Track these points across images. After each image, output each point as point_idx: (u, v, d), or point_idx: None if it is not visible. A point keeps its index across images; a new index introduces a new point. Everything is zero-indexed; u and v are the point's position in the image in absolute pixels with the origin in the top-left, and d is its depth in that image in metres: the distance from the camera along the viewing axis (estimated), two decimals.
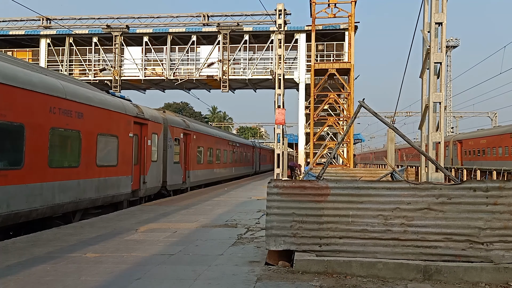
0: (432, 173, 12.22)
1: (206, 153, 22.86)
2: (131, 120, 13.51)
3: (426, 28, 12.73)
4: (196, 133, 20.60)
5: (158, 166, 15.78)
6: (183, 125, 18.78)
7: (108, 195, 12.04)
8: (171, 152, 17.00)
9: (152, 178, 15.17)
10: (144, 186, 14.50)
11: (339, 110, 28.02)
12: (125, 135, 13.03)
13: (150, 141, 14.91)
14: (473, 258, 5.33)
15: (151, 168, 15.01)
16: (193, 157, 20.11)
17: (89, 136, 11.08)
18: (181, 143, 18.51)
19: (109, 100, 12.41)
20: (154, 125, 15.31)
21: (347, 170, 17.59)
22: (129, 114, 13.41)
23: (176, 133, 17.68)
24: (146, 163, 14.61)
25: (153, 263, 5.94)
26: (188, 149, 19.51)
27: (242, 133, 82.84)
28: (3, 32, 29.96)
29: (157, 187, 15.77)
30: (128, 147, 13.25)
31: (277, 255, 5.80)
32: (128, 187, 13.28)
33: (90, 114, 11.14)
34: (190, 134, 19.62)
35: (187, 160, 19.42)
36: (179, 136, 18.09)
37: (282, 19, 26.45)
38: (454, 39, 55.35)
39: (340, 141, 7.08)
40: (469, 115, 54.88)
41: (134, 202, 14.15)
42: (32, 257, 6.29)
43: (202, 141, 21.85)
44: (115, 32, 28.87)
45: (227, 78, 28.52)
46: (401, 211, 5.49)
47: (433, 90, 12.52)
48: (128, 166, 13.26)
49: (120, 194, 12.79)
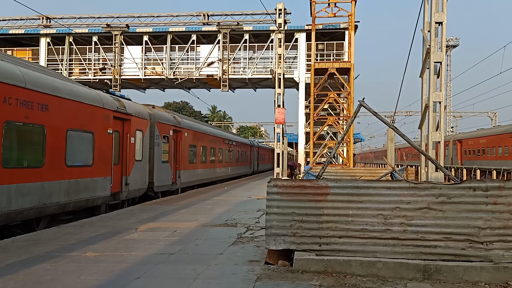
0: (432, 172, 12.21)
1: (199, 152, 21.64)
2: (110, 115, 12.22)
3: (426, 28, 12.72)
4: (187, 130, 19.43)
5: (143, 166, 14.59)
6: (173, 122, 17.55)
7: (82, 199, 10.78)
8: (158, 151, 15.89)
9: (136, 179, 13.90)
10: (126, 188, 13.25)
11: (339, 110, 28.02)
12: (102, 131, 11.78)
13: (134, 139, 13.68)
14: (473, 257, 5.33)
15: (135, 168, 13.79)
16: (184, 156, 18.91)
17: (56, 132, 9.75)
18: (171, 141, 17.27)
19: (82, 91, 11.06)
20: (138, 121, 14.07)
21: (347, 170, 17.59)
22: (108, 108, 12.08)
23: (164, 130, 16.50)
24: (129, 163, 13.35)
25: (153, 262, 5.94)
26: (178, 148, 18.36)
27: (242, 133, 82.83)
28: (3, 31, 29.93)
29: (142, 189, 14.56)
30: (106, 145, 12.01)
31: (276, 254, 5.80)
32: (107, 190, 11.99)
33: (57, 106, 9.76)
34: (181, 132, 18.48)
35: (178, 159, 18.26)
36: (168, 133, 16.86)
37: (282, 18, 26.45)
38: (454, 38, 55.33)
39: (340, 140, 7.08)
40: (469, 114, 54.90)
41: (115, 206, 12.96)
42: (31, 256, 6.29)
43: (194, 139, 20.67)
44: (115, 31, 28.86)
45: (227, 78, 28.51)
46: (401, 211, 5.49)
47: (433, 90, 12.52)
48: (107, 166, 12.02)
49: (97, 197, 11.51)
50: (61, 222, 10.08)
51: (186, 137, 19.17)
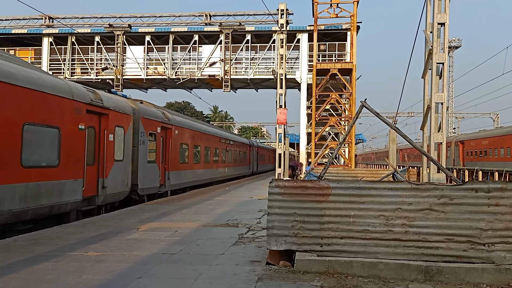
0: (434, 173, 12.20)
1: (192, 151, 20.08)
2: (82, 108, 10.69)
3: (429, 29, 12.71)
4: (178, 127, 17.96)
5: (125, 166, 13.09)
6: (161, 118, 16.06)
7: (44, 206, 9.16)
8: (144, 150, 14.40)
9: (116, 181, 12.41)
10: (103, 191, 11.75)
11: (340, 110, 28.01)
12: (72, 126, 10.27)
13: (113, 136, 12.23)
14: (475, 259, 5.32)
15: (114, 169, 12.29)
16: (174, 155, 17.45)
17: (8, 127, 8.30)
18: (159, 139, 15.77)
19: (45, 79, 9.52)
20: (118, 116, 12.57)
21: (348, 170, 17.59)
22: (79, 100, 10.51)
23: (151, 126, 15.06)
24: (107, 163, 11.90)
25: (154, 262, 5.94)
26: (168, 146, 16.90)
27: (244, 133, 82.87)
28: (6, 30, 30.01)
29: (123, 192, 13.04)
30: (77, 143, 10.49)
31: (278, 255, 5.80)
32: (77, 194, 10.47)
33: (9, 96, 8.33)
34: (171, 129, 17.05)
35: (167, 159, 16.77)
36: (155, 131, 15.39)
37: (284, 19, 26.46)
38: (456, 39, 55.29)
39: (341, 141, 7.07)
40: (471, 115, 54.84)
41: (90, 212, 11.47)
42: (33, 255, 6.30)
43: (186, 137, 19.17)
44: (117, 31, 28.91)
45: (229, 78, 28.53)
46: (403, 212, 5.48)
47: (435, 91, 12.50)
48: (78, 167, 10.53)
49: (64, 203, 9.94)
50: (18, 232, 8.57)
51: (177, 135, 17.80)
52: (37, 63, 29.84)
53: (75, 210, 10.67)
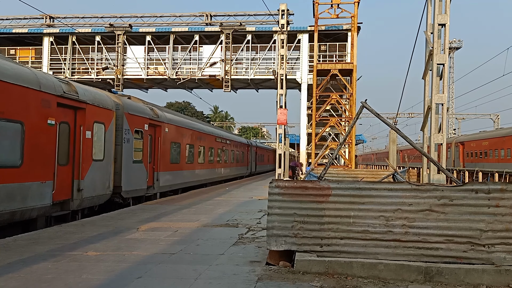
0: (434, 174, 12.20)
1: (185, 150, 18.94)
2: (52, 101, 9.47)
3: (429, 29, 12.72)
4: (169, 125, 16.81)
5: (106, 166, 11.97)
6: (149, 114, 14.89)
7: (3, 211, 8.03)
8: (128, 148, 13.26)
9: (94, 183, 11.29)
10: (79, 195, 10.57)
11: (341, 111, 28.02)
12: (38, 121, 9.10)
13: (91, 133, 11.14)
14: (475, 260, 5.32)
15: (93, 169, 11.19)
16: (164, 155, 16.30)
17: None
18: (146, 137, 14.63)
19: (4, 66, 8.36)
20: (97, 111, 11.47)
21: (348, 171, 17.59)
22: (47, 92, 9.30)
23: (137, 123, 13.90)
24: (84, 163, 10.75)
25: (154, 262, 5.95)
26: (157, 145, 15.76)
27: (244, 133, 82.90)
28: (6, 30, 30.04)
29: (103, 195, 11.87)
30: (45, 140, 9.26)
31: (278, 255, 5.80)
32: (46, 198, 9.21)
33: None
34: (160, 126, 15.87)
35: (156, 158, 15.67)
36: (142, 128, 14.24)
37: (285, 19, 26.47)
38: (457, 40, 55.31)
39: (342, 142, 7.07)
40: (471, 116, 54.85)
41: (63, 218, 10.33)
42: (33, 254, 6.31)
43: (178, 136, 18.01)
44: (118, 31, 28.93)
45: (230, 78, 28.55)
46: (403, 212, 5.48)
47: (436, 92, 12.50)
48: (46, 167, 9.27)
49: (29, 208, 8.75)
50: None
51: (167, 133, 16.63)
52: (37, 63, 29.89)
53: (44, 217, 9.41)
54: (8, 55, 29.66)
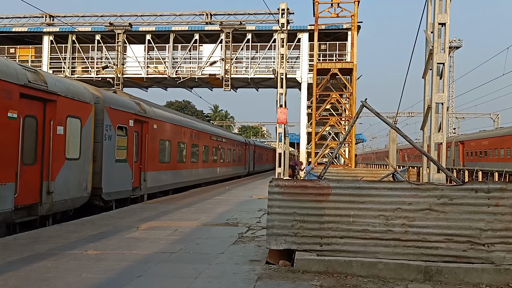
0: (434, 174, 12.19)
1: (176, 149, 17.83)
2: (13, 91, 8.32)
3: (429, 29, 12.71)
4: (158, 121, 15.65)
5: (82, 166, 10.78)
6: (135, 109, 13.71)
7: None
8: (110, 146, 12.13)
9: (68, 184, 10.12)
10: (49, 198, 9.36)
11: (341, 110, 28.02)
12: None
13: (64, 128, 9.95)
14: (474, 259, 5.32)
15: (66, 169, 9.99)
16: (152, 153, 15.21)
17: None
18: (131, 134, 13.43)
19: None
20: (72, 104, 10.28)
21: (348, 170, 17.60)
22: (7, 80, 8.16)
23: (120, 119, 12.74)
24: (54, 162, 9.54)
25: (154, 261, 5.95)
26: (144, 143, 14.62)
27: (244, 132, 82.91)
28: (6, 28, 30.04)
29: (80, 198, 10.70)
30: (5, 136, 8.14)
31: (277, 254, 5.80)
32: (6, 202, 8.13)
33: None
34: (148, 123, 14.74)
35: (143, 157, 14.54)
36: (126, 124, 13.08)
37: (285, 18, 26.46)
38: (457, 39, 55.30)
39: (342, 141, 7.07)
40: (471, 116, 54.88)
41: (31, 225, 9.17)
42: (33, 253, 6.31)
43: (168, 133, 16.91)
44: (118, 30, 28.92)
45: (230, 77, 28.55)
46: (402, 212, 5.48)
47: (436, 91, 12.50)
48: (6, 167, 8.18)
49: None
50: None
51: (156, 130, 15.51)
52: (37, 62, 29.88)
53: (4, 223, 8.29)
54: (8, 54, 29.66)
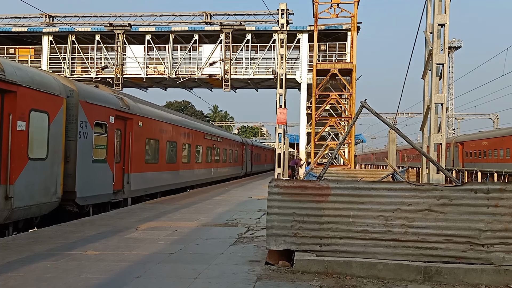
0: (433, 174, 12.20)
1: (165, 148, 16.65)
2: None
3: (429, 29, 12.72)
4: (143, 118, 14.43)
5: (51, 167, 9.54)
6: (116, 104, 12.55)
7: None
8: (86, 145, 10.92)
9: (32, 188, 8.91)
10: (7, 204, 8.22)
11: (340, 111, 28.02)
12: None
13: (26, 124, 8.75)
14: (474, 260, 5.32)
15: (29, 170, 8.81)
16: (137, 153, 14.01)
17: None
18: (112, 132, 12.30)
19: None
20: (36, 96, 9.04)
21: (348, 171, 17.59)
22: None
23: (99, 115, 11.58)
24: (14, 163, 8.38)
25: (153, 261, 5.95)
26: (127, 142, 13.39)
27: (244, 133, 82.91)
28: (6, 29, 30.02)
29: (47, 203, 9.46)
30: None
31: (277, 254, 5.80)
32: None
33: None
34: (132, 119, 13.54)
35: (126, 158, 13.33)
36: (106, 120, 11.95)
37: (285, 18, 26.46)
38: (456, 40, 55.39)
39: (341, 141, 7.07)
40: (470, 116, 54.92)
41: None
42: (32, 254, 6.30)
43: (156, 131, 15.73)
44: (118, 30, 28.91)
45: (229, 77, 28.55)
46: (402, 212, 5.48)
47: (435, 92, 12.50)
48: None
49: None
50: None
51: (142, 128, 14.32)
52: (37, 62, 29.86)
53: None
54: (7, 54, 29.65)
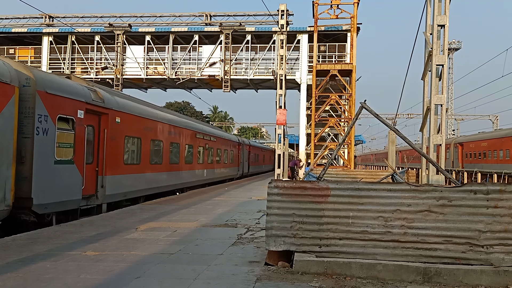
0: (433, 175, 12.20)
1: (148, 148, 14.90)
2: None
3: (429, 30, 12.73)
4: (122, 114, 12.79)
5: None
6: (87, 97, 10.97)
7: None
8: (47, 143, 9.41)
9: None
10: None
11: (340, 111, 28.03)
12: None
13: None
14: (473, 261, 5.32)
15: None
16: (114, 153, 12.41)
17: None
18: (81, 128, 10.74)
19: None
20: None
21: (347, 171, 17.57)
22: None
23: (64, 108, 10.05)
24: None
25: (152, 262, 5.94)
26: (102, 140, 11.85)
27: (243, 133, 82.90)
28: (6, 29, 30.02)
29: None
30: None
31: (277, 255, 5.80)
32: None
33: None
34: (107, 115, 11.96)
35: (101, 158, 11.79)
36: (73, 115, 10.37)
37: (285, 19, 26.48)
38: (456, 41, 55.44)
39: (341, 142, 7.07)
40: (470, 117, 54.92)
41: None
42: (32, 254, 6.30)
43: (137, 128, 14.01)
44: (118, 30, 28.92)
45: (229, 78, 28.55)
46: (402, 213, 5.48)
47: (435, 92, 12.51)
48: None
49: None
50: None
51: (119, 124, 12.71)
52: (37, 62, 29.87)
53: None
54: (7, 54, 29.65)
